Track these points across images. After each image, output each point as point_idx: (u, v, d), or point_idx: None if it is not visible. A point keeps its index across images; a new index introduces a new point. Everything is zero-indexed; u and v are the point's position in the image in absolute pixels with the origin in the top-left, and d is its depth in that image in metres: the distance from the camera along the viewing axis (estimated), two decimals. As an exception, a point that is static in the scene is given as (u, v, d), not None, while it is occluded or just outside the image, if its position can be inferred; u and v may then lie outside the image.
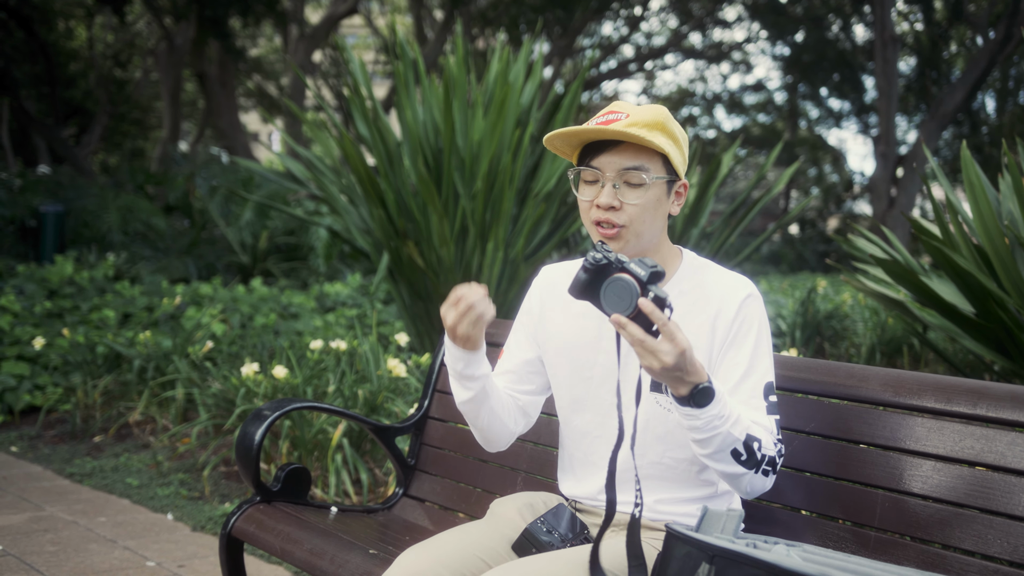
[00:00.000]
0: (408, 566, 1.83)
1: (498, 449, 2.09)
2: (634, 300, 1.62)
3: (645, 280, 1.63)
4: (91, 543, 3.77)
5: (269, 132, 40.75)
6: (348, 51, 6.42)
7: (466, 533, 1.95)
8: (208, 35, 15.46)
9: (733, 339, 1.87)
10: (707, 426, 1.71)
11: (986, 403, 1.83)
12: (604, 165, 1.88)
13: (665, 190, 1.90)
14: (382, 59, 26.56)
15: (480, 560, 1.87)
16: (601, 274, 1.67)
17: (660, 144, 1.84)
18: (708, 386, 1.69)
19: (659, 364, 1.63)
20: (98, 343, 6.09)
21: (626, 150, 1.86)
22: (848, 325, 7.79)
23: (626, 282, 1.63)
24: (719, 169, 6.36)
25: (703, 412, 1.70)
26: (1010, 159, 3.72)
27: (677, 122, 1.93)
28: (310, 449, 4.26)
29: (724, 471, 1.78)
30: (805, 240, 26.66)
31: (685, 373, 1.66)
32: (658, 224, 1.91)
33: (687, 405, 1.70)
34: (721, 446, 1.73)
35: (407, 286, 5.83)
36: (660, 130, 1.86)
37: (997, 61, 18.42)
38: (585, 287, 1.69)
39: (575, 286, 1.70)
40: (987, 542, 1.75)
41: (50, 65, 18.70)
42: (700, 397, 1.69)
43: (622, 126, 1.84)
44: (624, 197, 1.86)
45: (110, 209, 12.08)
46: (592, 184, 1.90)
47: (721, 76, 31.15)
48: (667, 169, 1.89)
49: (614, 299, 1.65)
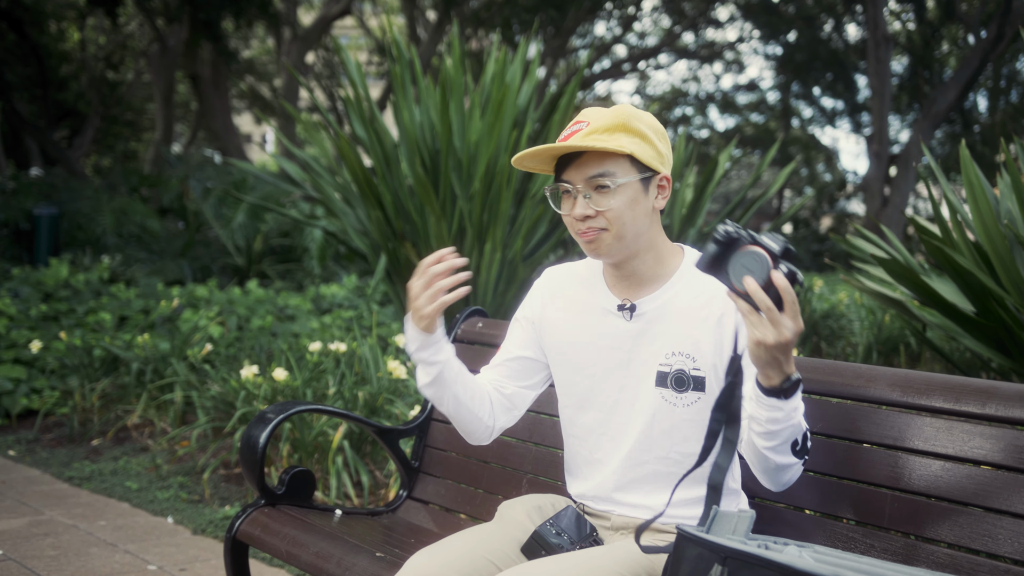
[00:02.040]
0: (418, 569, 1.83)
1: (478, 442, 2.11)
2: (767, 271, 1.60)
3: (779, 253, 1.60)
4: (92, 547, 3.76)
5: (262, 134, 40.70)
6: (344, 52, 6.40)
7: (475, 536, 1.96)
8: (201, 37, 15.42)
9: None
10: (786, 418, 1.69)
11: (995, 403, 1.83)
12: (572, 177, 1.90)
13: (640, 188, 1.90)
14: (375, 60, 26.54)
15: (490, 563, 1.87)
16: (731, 247, 1.64)
17: (621, 146, 1.85)
18: (800, 378, 1.67)
19: (777, 338, 1.59)
20: (95, 346, 6.07)
21: (589, 159, 1.88)
22: (845, 324, 7.81)
23: (758, 255, 1.61)
24: (716, 169, 6.36)
25: (787, 404, 1.68)
26: (1008, 158, 3.73)
27: (649, 118, 1.93)
28: (311, 452, 4.25)
29: (779, 462, 1.76)
30: (799, 239, 26.70)
31: (787, 357, 1.64)
32: (641, 222, 1.91)
33: (774, 396, 1.68)
34: (788, 437, 1.73)
35: (405, 287, 5.82)
36: (622, 131, 1.87)
37: (989, 60, 18.46)
38: (714, 260, 1.64)
39: (704, 259, 1.65)
40: (997, 542, 1.75)
41: (42, 67, 18.65)
42: (791, 389, 1.67)
43: (580, 137, 1.87)
44: (596, 204, 1.88)
45: (104, 211, 12.05)
46: (568, 197, 1.93)
47: (714, 76, 31.21)
48: (637, 168, 1.89)
49: (742, 271, 1.61)
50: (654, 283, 1.96)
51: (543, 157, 1.95)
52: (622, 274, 1.97)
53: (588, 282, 2.05)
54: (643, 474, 1.94)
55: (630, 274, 1.96)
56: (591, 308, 2.01)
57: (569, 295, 2.06)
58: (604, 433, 1.99)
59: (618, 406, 1.97)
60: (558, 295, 2.08)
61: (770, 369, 1.65)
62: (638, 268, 1.95)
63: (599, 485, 2.00)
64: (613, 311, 1.98)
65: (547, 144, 1.87)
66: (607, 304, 1.99)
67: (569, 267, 2.12)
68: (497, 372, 2.12)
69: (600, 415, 2.00)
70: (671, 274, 1.96)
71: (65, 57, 22.47)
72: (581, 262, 2.11)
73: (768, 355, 1.62)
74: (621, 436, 1.97)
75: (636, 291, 1.97)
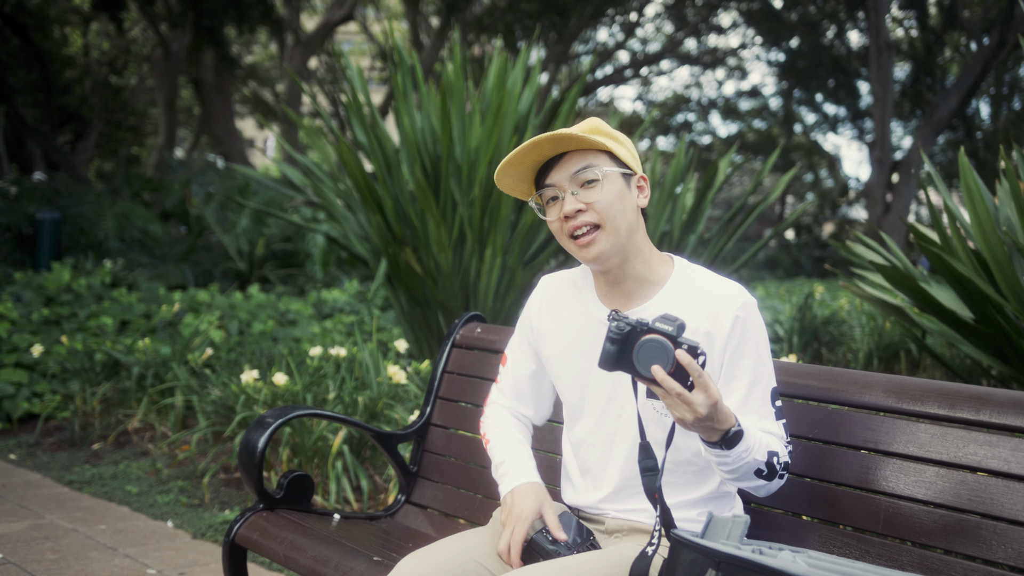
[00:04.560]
0: (409, 571, 1.84)
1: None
2: (671, 356, 1.65)
3: (675, 335, 1.66)
4: (92, 551, 3.77)
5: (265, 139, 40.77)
6: (346, 58, 6.42)
7: (466, 539, 1.97)
8: (203, 42, 15.48)
9: (736, 350, 1.88)
10: (736, 461, 1.76)
11: (989, 409, 1.84)
12: (556, 179, 1.93)
13: (624, 183, 1.93)
14: (378, 65, 26.59)
15: (480, 566, 1.88)
16: (628, 341, 1.68)
17: (600, 141, 1.91)
18: (738, 429, 1.73)
19: (692, 416, 1.66)
20: (96, 350, 6.09)
21: (571, 158, 1.92)
22: (845, 331, 7.81)
23: (659, 342, 1.66)
24: (716, 175, 6.37)
25: (732, 451, 1.74)
26: (1007, 165, 3.74)
27: (613, 128, 2.00)
28: (310, 456, 4.26)
29: (746, 486, 1.84)
30: (801, 245, 26.72)
31: (716, 422, 1.69)
32: (630, 217, 1.93)
33: (717, 447, 1.74)
34: (746, 471, 1.79)
35: (405, 292, 5.83)
36: (597, 133, 1.94)
37: (991, 67, 18.48)
38: (616, 357, 1.69)
39: (605, 359, 1.70)
40: (991, 548, 1.76)
41: (45, 72, 18.70)
42: (731, 440, 1.73)
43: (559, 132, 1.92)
44: (585, 199, 1.90)
45: (107, 216, 12.08)
46: (554, 203, 1.95)
47: (716, 82, 31.25)
48: (616, 164, 1.94)
49: (649, 360, 1.66)
50: (644, 293, 1.97)
51: (524, 172, 1.97)
52: (612, 282, 1.98)
53: (580, 292, 2.06)
54: (638, 484, 1.95)
55: (620, 282, 1.97)
56: (581, 318, 2.02)
57: (561, 305, 2.08)
58: (593, 444, 2.01)
59: (606, 416, 1.98)
60: (552, 306, 2.09)
61: (704, 432, 1.72)
62: (628, 276, 1.96)
63: (592, 497, 2.01)
64: (604, 321, 1.98)
65: (530, 139, 1.89)
66: (598, 314, 2.00)
67: (563, 275, 2.13)
68: (511, 397, 2.20)
69: (590, 425, 2.01)
70: (661, 284, 1.97)
71: (69, 62, 22.53)
72: (576, 269, 2.12)
73: (694, 426, 1.69)
74: (611, 448, 1.98)
75: (626, 301, 1.98)
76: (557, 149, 1.92)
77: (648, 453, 1.78)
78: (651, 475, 1.77)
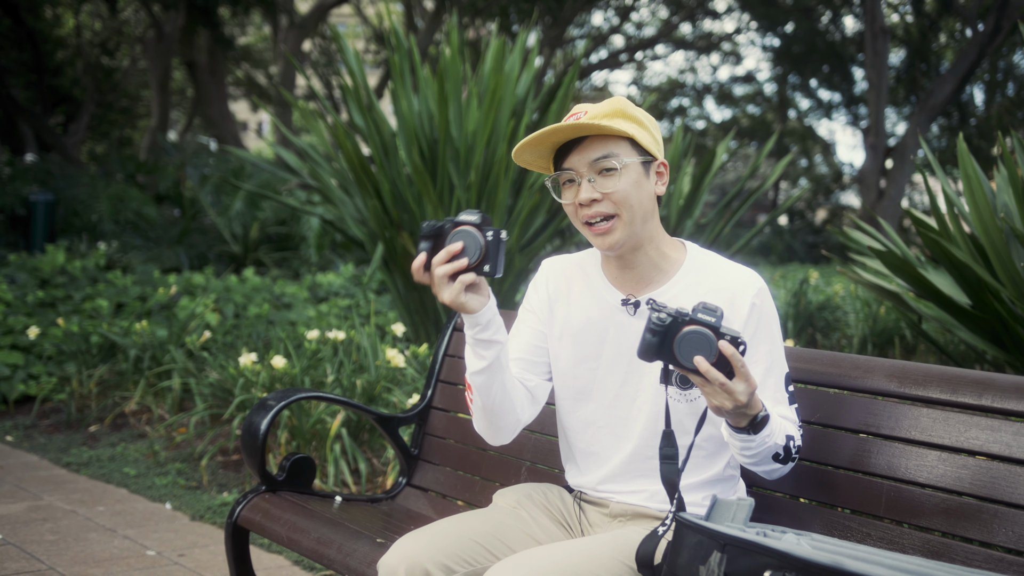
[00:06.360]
0: (405, 550, 1.84)
1: (502, 441, 2.04)
2: (714, 347, 1.67)
3: (717, 325, 1.67)
4: (90, 532, 3.78)
5: (259, 122, 40.60)
6: (342, 40, 6.39)
7: (463, 520, 1.97)
8: (197, 24, 15.39)
9: (753, 336, 1.89)
10: (760, 445, 1.79)
11: (991, 394, 1.85)
12: (575, 164, 1.91)
13: (642, 171, 1.91)
14: (372, 48, 26.48)
15: (477, 545, 1.89)
16: (669, 332, 1.69)
17: (622, 128, 1.87)
18: (765, 414, 1.76)
19: (732, 403, 1.69)
20: (92, 333, 6.08)
21: (591, 143, 1.89)
22: (840, 316, 7.83)
23: (702, 333, 1.67)
24: (713, 160, 6.37)
25: (758, 436, 1.77)
26: (1005, 152, 3.75)
27: (642, 110, 1.96)
28: (308, 439, 4.27)
29: (762, 470, 1.86)
30: (794, 231, 26.75)
31: (749, 408, 1.72)
32: (647, 206, 1.92)
33: (744, 432, 1.77)
34: (766, 455, 1.82)
35: (402, 276, 5.83)
36: (620, 117, 1.90)
37: (986, 53, 18.47)
38: (656, 348, 1.70)
39: (645, 350, 1.70)
40: (992, 531, 1.78)
41: (37, 53, 18.57)
42: (760, 424, 1.76)
43: (581, 120, 1.88)
44: (602, 188, 1.89)
45: (101, 198, 12.04)
46: (570, 186, 1.93)
47: (711, 67, 31.20)
48: (638, 151, 1.91)
49: (691, 351, 1.67)
50: (658, 278, 1.97)
51: (543, 150, 1.95)
52: (625, 266, 1.98)
53: (589, 275, 2.05)
54: (648, 468, 1.96)
55: (633, 267, 1.97)
56: (594, 301, 2.01)
57: (571, 287, 2.06)
58: (604, 426, 2.00)
59: (619, 400, 1.98)
60: (559, 288, 2.08)
61: (735, 418, 1.75)
62: (641, 261, 1.96)
63: (600, 479, 2.01)
64: (617, 305, 1.99)
65: (552, 126, 1.87)
66: (611, 298, 2.00)
67: (568, 259, 2.12)
68: (517, 366, 2.07)
69: (600, 408, 2.01)
70: (675, 269, 1.97)
71: (60, 43, 22.38)
72: (580, 253, 2.11)
73: (729, 413, 1.72)
74: (623, 431, 1.98)
75: (639, 286, 1.98)
76: (578, 133, 1.90)
77: (671, 441, 1.79)
78: (671, 463, 1.78)
